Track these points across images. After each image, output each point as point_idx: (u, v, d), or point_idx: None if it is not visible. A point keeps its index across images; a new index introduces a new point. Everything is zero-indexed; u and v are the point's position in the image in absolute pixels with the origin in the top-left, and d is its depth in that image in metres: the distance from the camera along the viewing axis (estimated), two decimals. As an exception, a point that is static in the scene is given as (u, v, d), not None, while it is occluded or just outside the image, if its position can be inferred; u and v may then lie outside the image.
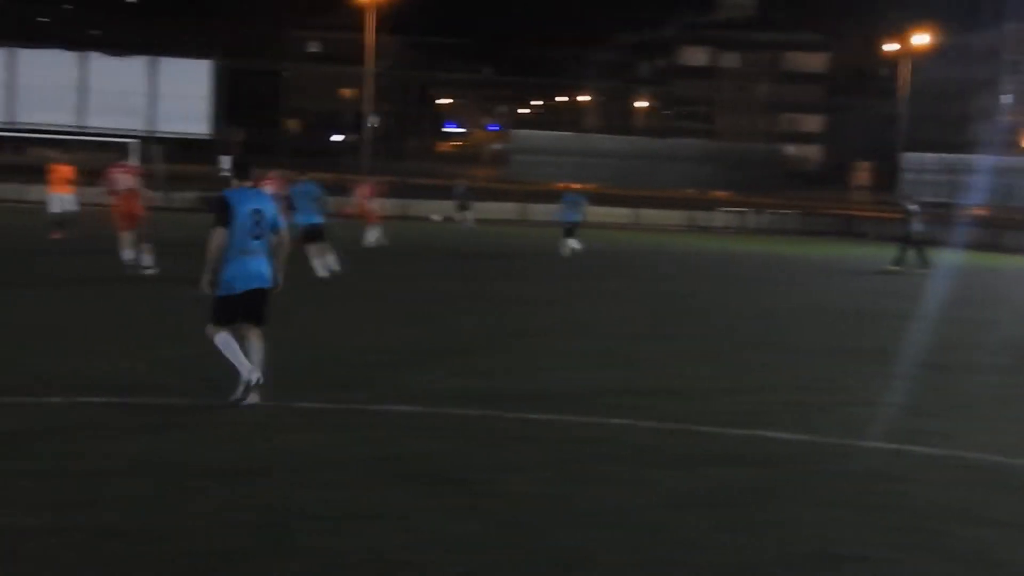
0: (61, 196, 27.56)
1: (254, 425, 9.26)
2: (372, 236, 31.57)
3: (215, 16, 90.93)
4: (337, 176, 62.87)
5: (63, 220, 26.94)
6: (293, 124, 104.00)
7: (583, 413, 10.32)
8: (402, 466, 8.26)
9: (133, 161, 26.06)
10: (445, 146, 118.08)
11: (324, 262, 21.51)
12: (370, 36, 67.29)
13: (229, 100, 55.64)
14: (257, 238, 9.77)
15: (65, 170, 28.17)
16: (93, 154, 55.04)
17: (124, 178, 22.51)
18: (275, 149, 76.12)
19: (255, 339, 9.90)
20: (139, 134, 50.49)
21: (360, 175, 64.02)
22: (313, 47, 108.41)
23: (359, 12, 70.45)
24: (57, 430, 8.80)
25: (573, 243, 30.74)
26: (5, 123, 50.35)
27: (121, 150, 45.57)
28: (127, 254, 20.86)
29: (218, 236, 9.65)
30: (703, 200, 61.69)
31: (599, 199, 59.65)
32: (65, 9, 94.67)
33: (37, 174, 51.33)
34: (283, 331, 14.58)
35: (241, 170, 10.23)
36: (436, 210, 46.30)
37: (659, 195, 60.43)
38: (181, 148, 58.46)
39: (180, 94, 51.51)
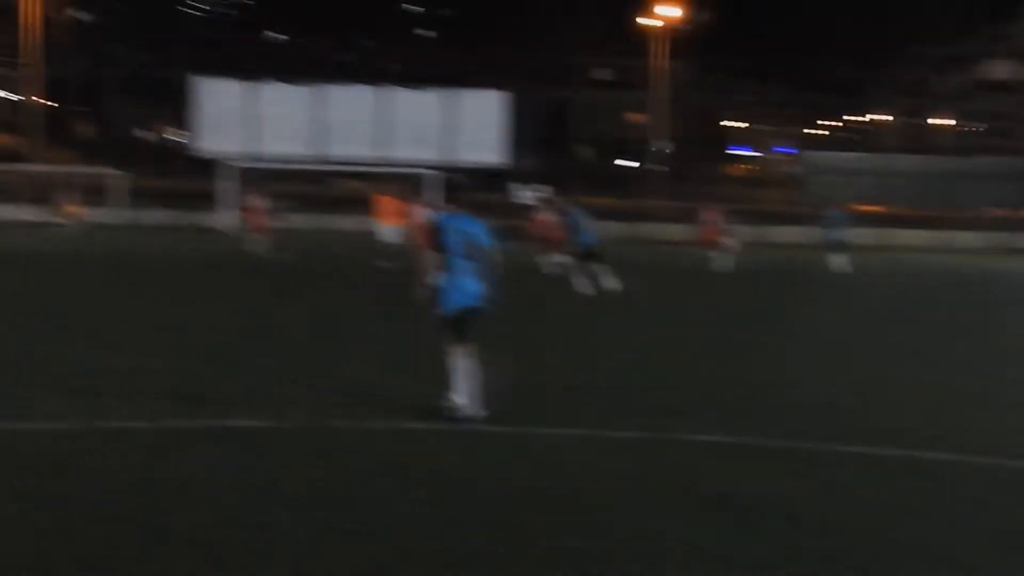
0: (389, 227, 29.02)
1: (567, 451, 9.41)
2: (723, 260, 32.65)
3: (507, 46, 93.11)
4: (628, 202, 63.31)
5: (390, 250, 28.31)
6: (583, 151, 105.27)
7: (883, 444, 10.00)
8: (716, 497, 8.21)
9: (427, 195, 27.64)
10: (735, 169, 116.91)
11: (597, 280, 22.76)
12: (658, 61, 67.46)
13: (521, 129, 56.77)
14: (468, 259, 10.33)
15: (392, 202, 29.68)
16: (392, 186, 57.37)
17: (421, 211, 24.12)
18: (566, 176, 77.14)
19: (467, 359, 10.35)
20: (437, 165, 52.16)
21: (651, 199, 64.15)
22: (602, 74, 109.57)
23: (647, 37, 70.73)
24: (388, 455, 9.16)
25: (839, 260, 30.60)
26: (314, 157, 52.93)
27: (416, 182, 47.29)
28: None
29: (429, 258, 10.45)
30: (1011, 220, 58.86)
31: (898, 221, 57.80)
32: (366, 46, 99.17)
33: (342, 205, 53.86)
34: (572, 352, 14.76)
35: (452, 198, 10.86)
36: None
37: (962, 216, 58.02)
38: (478, 177, 60.17)
39: (475, 125, 52.82)
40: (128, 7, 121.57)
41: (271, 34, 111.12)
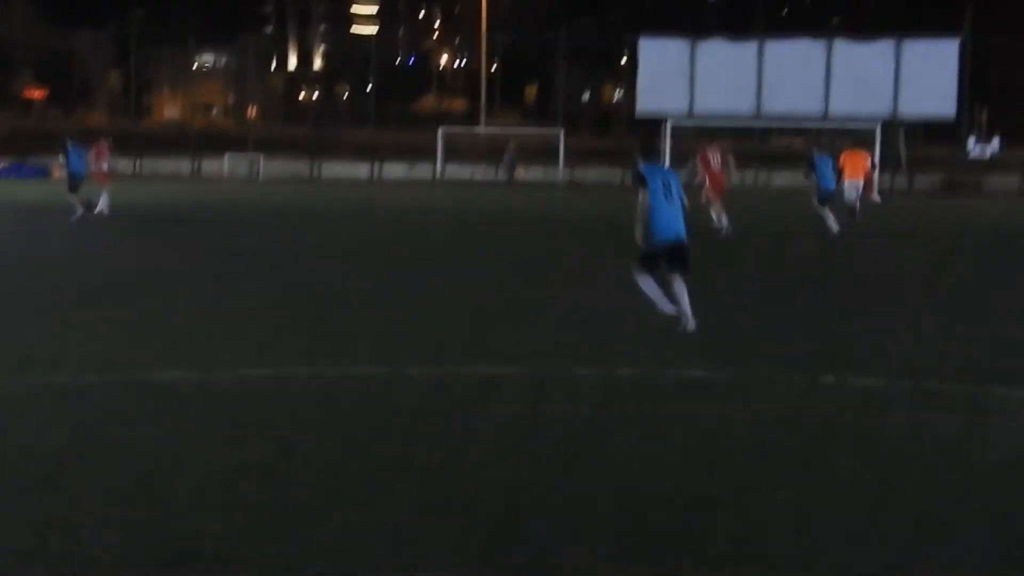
0: (854, 182, 28.57)
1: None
2: None
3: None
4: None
5: (850, 207, 27.91)
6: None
7: None
8: None
9: (720, 143, 28.36)
10: None
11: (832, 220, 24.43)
12: None
13: (976, 79, 53.70)
14: (668, 201, 12.02)
15: (858, 156, 29.27)
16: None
17: (715, 157, 25.95)
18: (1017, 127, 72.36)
19: (679, 285, 11.95)
20: (882, 118, 50.36)
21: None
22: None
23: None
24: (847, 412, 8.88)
25: None
26: (754, 114, 52.35)
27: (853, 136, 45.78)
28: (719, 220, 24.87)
29: (642, 198, 12.06)
30: None
31: None
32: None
33: (779, 162, 53.04)
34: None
35: (649, 152, 13.12)
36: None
37: None
38: (925, 131, 57.57)
39: (925, 76, 50.50)
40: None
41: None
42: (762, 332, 12.36)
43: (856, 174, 28.68)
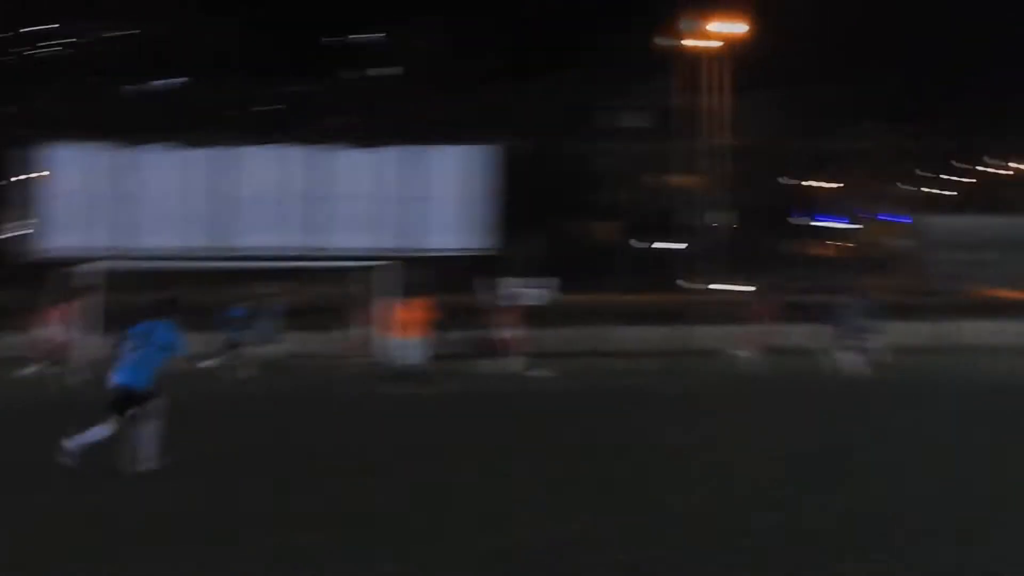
0: (406, 340, 30.37)
1: None
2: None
3: (491, 86, 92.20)
4: (671, 298, 61.91)
5: (409, 370, 29.56)
6: (602, 228, 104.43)
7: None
8: None
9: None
10: (824, 247, 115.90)
11: None
12: (710, 98, 66.80)
13: (514, 198, 55.80)
14: (134, 350, 18.26)
15: (413, 307, 30.67)
16: (332, 286, 56.01)
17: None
18: (575, 262, 76.17)
19: (112, 426, 18.31)
20: (392, 254, 51.08)
21: (702, 294, 62.91)
22: (631, 119, 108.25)
23: (694, 64, 70.05)
24: None
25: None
26: (213, 248, 51.79)
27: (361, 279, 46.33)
28: None
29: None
30: None
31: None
32: (292, 92, 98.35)
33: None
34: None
35: (167, 313, 19.00)
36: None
37: None
38: (450, 269, 58.99)
39: (446, 194, 52.13)
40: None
41: (155, 80, 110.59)
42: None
43: (409, 330, 30.52)
